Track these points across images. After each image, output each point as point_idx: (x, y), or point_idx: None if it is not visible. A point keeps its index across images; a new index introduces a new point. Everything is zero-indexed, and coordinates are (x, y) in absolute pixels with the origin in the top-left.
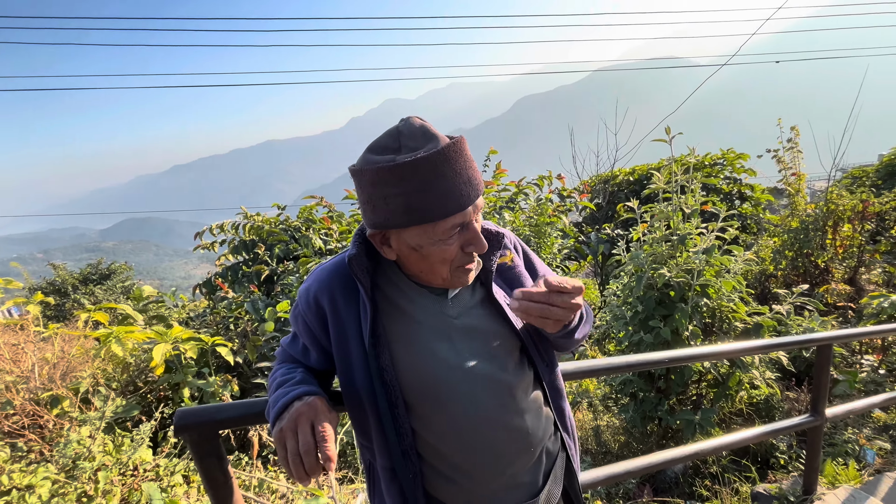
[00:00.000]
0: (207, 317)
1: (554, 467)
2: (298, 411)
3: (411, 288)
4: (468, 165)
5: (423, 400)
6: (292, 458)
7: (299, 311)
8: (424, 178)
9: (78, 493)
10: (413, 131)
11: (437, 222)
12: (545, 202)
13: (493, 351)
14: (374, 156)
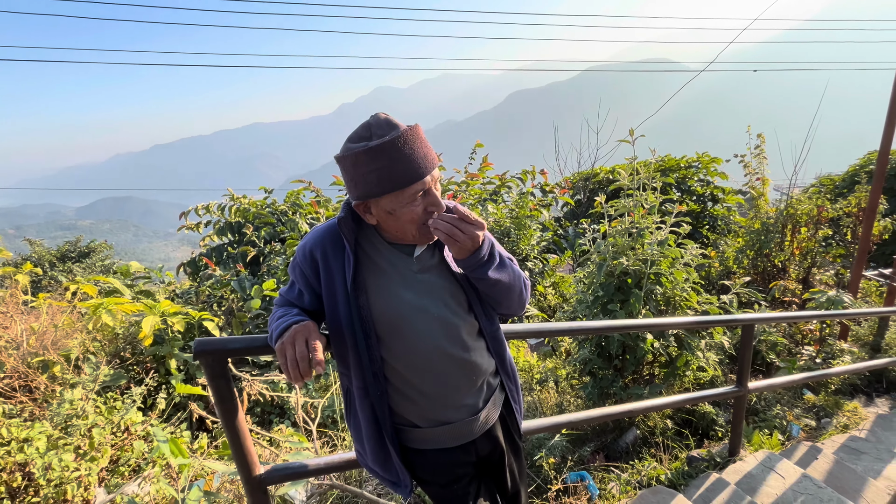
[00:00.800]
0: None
1: (493, 396)
2: (295, 330)
3: (386, 247)
4: (423, 145)
5: (390, 333)
6: (291, 363)
7: (297, 262)
8: (391, 156)
9: (73, 447)
10: (380, 123)
11: (404, 189)
12: (527, 196)
13: (444, 299)
14: (352, 144)
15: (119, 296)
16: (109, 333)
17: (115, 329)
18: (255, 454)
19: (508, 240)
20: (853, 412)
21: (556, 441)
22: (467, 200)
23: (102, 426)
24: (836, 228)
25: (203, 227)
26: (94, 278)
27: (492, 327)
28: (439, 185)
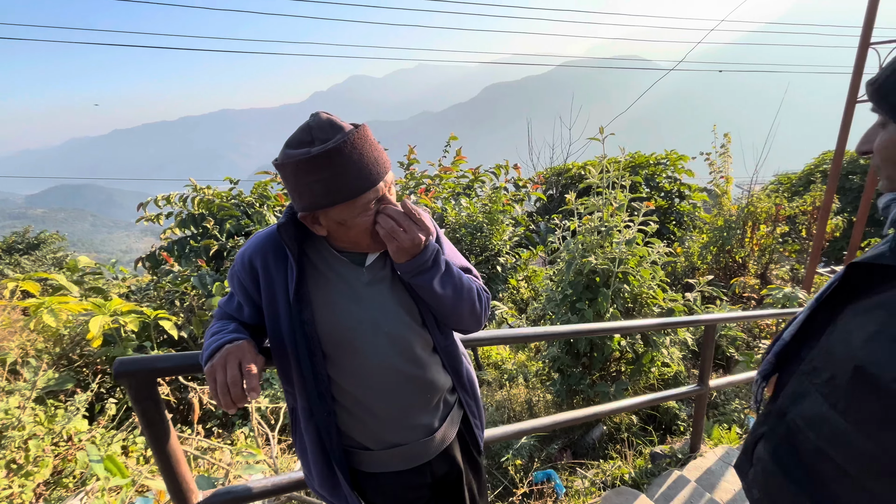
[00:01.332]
0: (151, 291)
1: (450, 414)
2: (227, 351)
3: (334, 257)
4: (373, 149)
5: (337, 350)
6: (220, 388)
7: (235, 271)
8: (337, 164)
9: (6, 461)
10: (322, 125)
11: (355, 199)
12: (500, 191)
13: (396, 313)
14: (291, 150)
15: (65, 293)
16: (54, 334)
17: (59, 330)
18: (190, 480)
19: (481, 235)
20: None
21: (523, 442)
22: (441, 194)
23: (42, 437)
24: (793, 226)
25: (164, 219)
26: (37, 275)
27: (446, 342)
28: (394, 188)
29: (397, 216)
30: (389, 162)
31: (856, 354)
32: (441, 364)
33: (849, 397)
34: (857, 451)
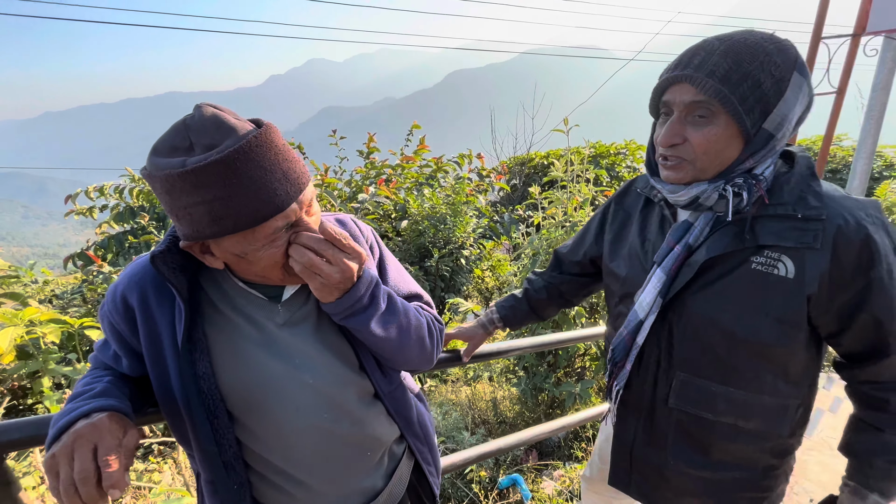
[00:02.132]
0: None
1: (398, 468)
2: (77, 433)
3: (238, 292)
4: (282, 158)
5: (245, 410)
6: (64, 487)
7: (105, 312)
8: (226, 182)
9: None
10: (204, 125)
11: (254, 229)
12: (464, 181)
13: (323, 360)
14: (161, 159)
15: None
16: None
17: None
18: None
19: (444, 227)
20: None
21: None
22: (403, 184)
23: None
24: None
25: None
26: None
27: (390, 387)
28: (315, 205)
29: (316, 245)
30: (307, 173)
31: (730, 328)
32: (385, 412)
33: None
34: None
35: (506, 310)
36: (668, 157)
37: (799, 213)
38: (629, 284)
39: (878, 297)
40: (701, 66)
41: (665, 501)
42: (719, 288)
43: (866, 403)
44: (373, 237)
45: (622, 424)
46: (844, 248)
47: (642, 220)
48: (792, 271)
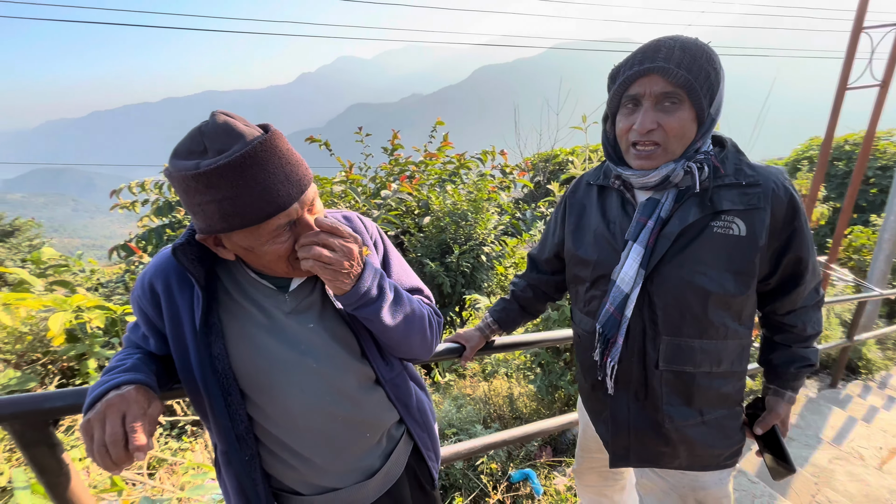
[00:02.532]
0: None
1: (395, 450)
2: (109, 402)
3: (249, 281)
4: (285, 161)
5: (255, 389)
6: (97, 448)
7: (135, 296)
8: (233, 183)
9: None
10: (216, 131)
11: (259, 225)
12: (485, 178)
13: (326, 346)
14: (179, 161)
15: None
16: (13, 332)
17: (17, 328)
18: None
19: (466, 223)
20: None
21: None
22: (426, 181)
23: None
24: None
25: (141, 206)
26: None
27: (391, 374)
28: (318, 204)
29: (316, 237)
30: (310, 176)
31: (703, 287)
32: (385, 397)
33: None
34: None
35: (499, 313)
36: (642, 144)
37: (743, 181)
38: (601, 266)
39: (799, 239)
40: (668, 59)
41: (666, 458)
42: (689, 253)
43: (779, 329)
44: (377, 233)
45: (615, 402)
46: (777, 205)
47: (601, 207)
48: (744, 230)
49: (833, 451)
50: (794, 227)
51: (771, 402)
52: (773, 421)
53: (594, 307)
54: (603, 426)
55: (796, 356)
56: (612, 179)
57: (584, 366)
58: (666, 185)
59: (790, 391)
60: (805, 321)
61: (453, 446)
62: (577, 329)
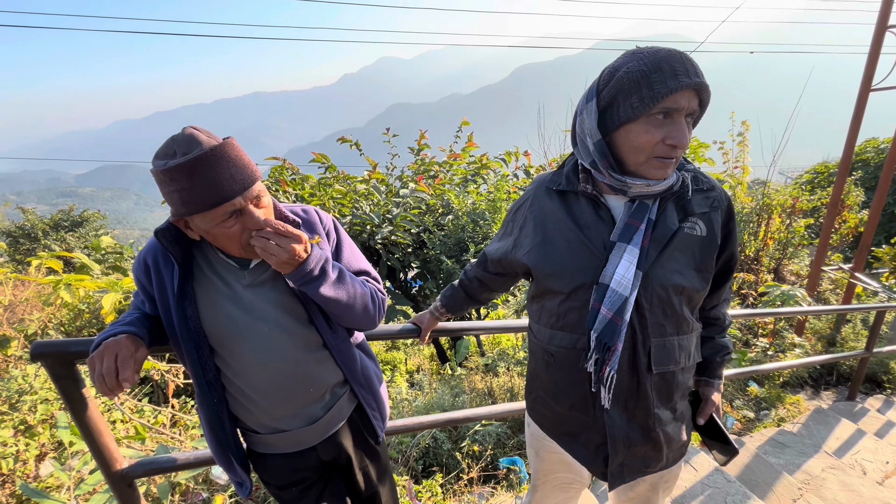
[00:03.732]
0: None
1: (337, 405)
2: (107, 345)
3: (217, 260)
4: (232, 164)
5: (220, 345)
6: (97, 378)
7: (134, 269)
8: (189, 177)
9: (17, 421)
10: (183, 139)
11: (209, 211)
12: (506, 179)
13: (276, 313)
14: (157, 160)
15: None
16: (74, 309)
17: (77, 305)
18: (114, 448)
19: (484, 222)
20: (794, 405)
21: (488, 429)
22: (450, 181)
23: (52, 401)
24: (817, 219)
25: None
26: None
27: (336, 340)
28: (267, 199)
29: (269, 235)
30: (255, 176)
31: (680, 284)
32: (331, 360)
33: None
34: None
35: (447, 299)
36: (669, 156)
37: (703, 186)
38: (580, 275)
39: (733, 238)
40: (699, 75)
41: (653, 462)
42: (668, 254)
43: (706, 324)
44: (331, 224)
45: (611, 417)
46: (722, 208)
47: (569, 213)
48: (704, 230)
49: (830, 461)
50: (730, 228)
51: (705, 392)
52: (711, 409)
53: (571, 320)
54: (583, 448)
55: (719, 346)
56: (582, 185)
57: (560, 387)
58: (667, 192)
59: (717, 379)
60: (724, 313)
61: (402, 420)
62: (548, 346)
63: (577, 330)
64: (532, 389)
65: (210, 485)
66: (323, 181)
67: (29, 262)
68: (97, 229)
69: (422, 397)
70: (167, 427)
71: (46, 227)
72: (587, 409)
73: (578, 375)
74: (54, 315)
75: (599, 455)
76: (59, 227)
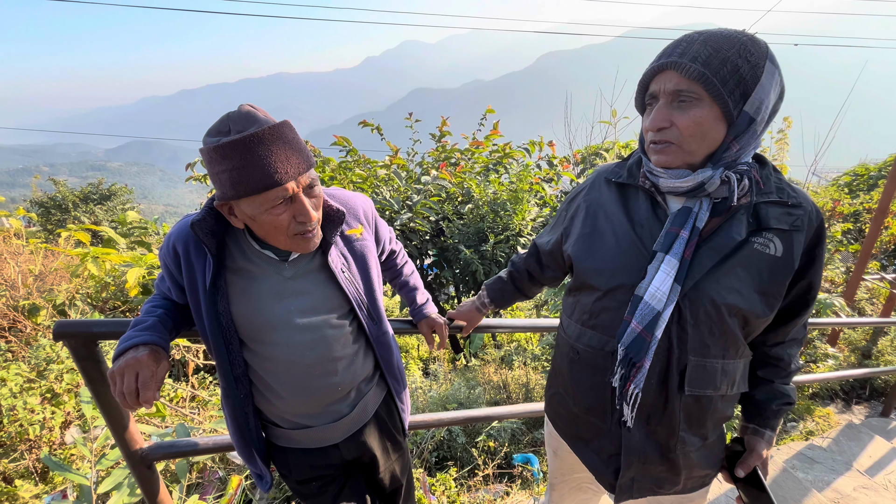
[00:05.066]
0: None
1: (362, 401)
2: (127, 363)
3: (254, 251)
4: (288, 146)
5: (251, 341)
6: (118, 394)
7: (162, 254)
8: (243, 156)
9: (44, 389)
10: (239, 116)
11: (259, 195)
12: (528, 169)
13: (317, 309)
14: (208, 137)
15: (113, 245)
16: (100, 281)
17: (103, 278)
18: (133, 429)
19: (504, 213)
20: (824, 418)
21: (503, 425)
22: (471, 169)
23: (77, 371)
24: (857, 223)
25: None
26: (88, 227)
27: (378, 331)
28: (319, 189)
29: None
30: (311, 162)
31: (737, 305)
32: (363, 354)
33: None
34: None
35: (495, 292)
36: (657, 141)
37: (788, 200)
38: (622, 274)
39: (816, 266)
40: (684, 53)
41: (668, 484)
42: (727, 268)
43: (764, 363)
44: (371, 211)
45: (628, 428)
46: (809, 230)
47: (625, 207)
48: (780, 250)
49: (862, 480)
50: (815, 254)
51: (751, 443)
52: (756, 462)
53: (604, 321)
54: (594, 455)
55: (778, 393)
56: (642, 179)
57: (581, 387)
58: (699, 192)
59: (770, 430)
60: (791, 355)
61: (425, 415)
62: (575, 343)
63: (608, 332)
64: (552, 385)
65: (227, 464)
66: (343, 164)
67: (59, 233)
68: (124, 203)
69: (437, 388)
70: (186, 401)
71: (76, 199)
72: (605, 416)
73: (601, 379)
74: (81, 286)
75: (611, 466)
76: (88, 200)
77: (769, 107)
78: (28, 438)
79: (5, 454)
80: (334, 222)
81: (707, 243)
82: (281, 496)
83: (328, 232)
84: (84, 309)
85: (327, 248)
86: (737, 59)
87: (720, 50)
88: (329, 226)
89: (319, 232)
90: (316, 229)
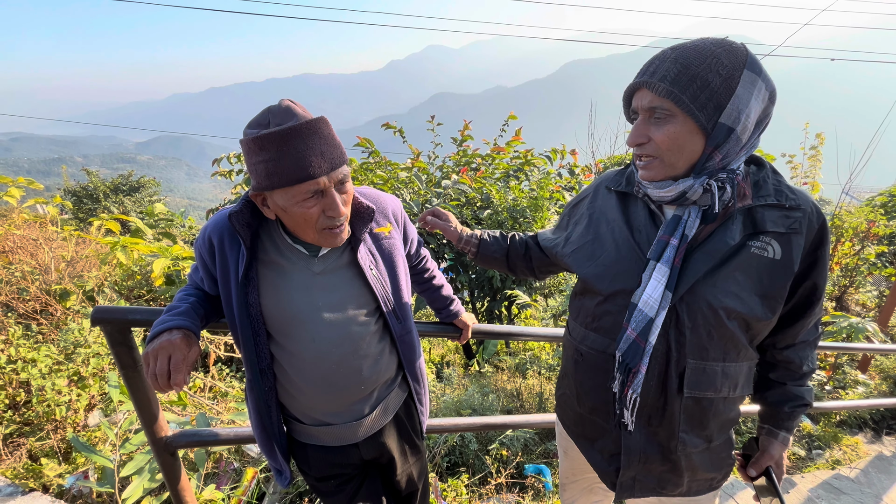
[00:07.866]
0: None
1: (384, 402)
2: (161, 345)
3: (286, 244)
4: (323, 142)
5: (279, 334)
6: (151, 376)
7: (197, 246)
8: (280, 148)
9: (71, 371)
10: (279, 110)
11: (292, 187)
12: (549, 177)
13: (344, 303)
14: (249, 130)
15: (141, 235)
16: (128, 270)
17: (131, 267)
18: (161, 417)
19: (524, 220)
20: (852, 448)
21: (517, 433)
22: (491, 174)
23: (103, 356)
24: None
25: (236, 175)
26: (118, 217)
27: (402, 331)
28: (350, 186)
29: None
30: (344, 158)
31: (735, 309)
32: (388, 353)
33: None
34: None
35: (487, 241)
36: (640, 156)
37: (785, 203)
38: (622, 279)
39: (820, 267)
40: (654, 73)
41: (670, 486)
42: (725, 272)
43: (775, 365)
44: (400, 211)
45: (630, 434)
46: (809, 231)
47: (624, 214)
48: (779, 253)
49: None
50: (817, 255)
51: (765, 444)
52: (767, 463)
53: (606, 324)
54: (598, 455)
55: (791, 395)
56: (636, 188)
57: (584, 388)
58: (684, 201)
59: (784, 432)
60: (802, 357)
61: (442, 419)
62: (579, 346)
63: (609, 334)
64: (560, 386)
65: (242, 455)
66: (365, 166)
67: (91, 221)
68: (151, 195)
69: (450, 392)
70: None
71: (107, 189)
72: (607, 416)
73: (603, 380)
74: (110, 274)
75: (612, 465)
76: (118, 191)
77: (750, 114)
78: (54, 419)
79: (32, 433)
80: (364, 219)
81: (701, 248)
82: (294, 491)
83: (358, 228)
84: (111, 296)
85: (356, 245)
86: (707, 74)
87: (689, 66)
88: (359, 222)
89: (347, 228)
90: (344, 225)
